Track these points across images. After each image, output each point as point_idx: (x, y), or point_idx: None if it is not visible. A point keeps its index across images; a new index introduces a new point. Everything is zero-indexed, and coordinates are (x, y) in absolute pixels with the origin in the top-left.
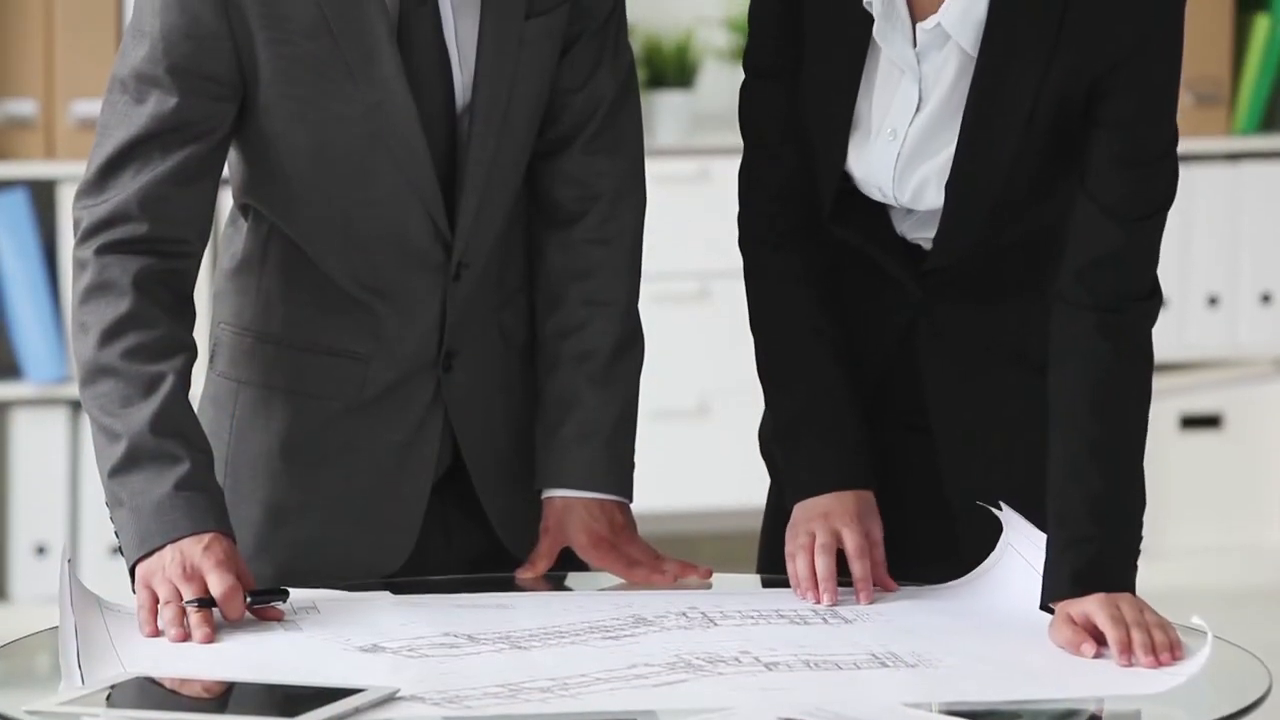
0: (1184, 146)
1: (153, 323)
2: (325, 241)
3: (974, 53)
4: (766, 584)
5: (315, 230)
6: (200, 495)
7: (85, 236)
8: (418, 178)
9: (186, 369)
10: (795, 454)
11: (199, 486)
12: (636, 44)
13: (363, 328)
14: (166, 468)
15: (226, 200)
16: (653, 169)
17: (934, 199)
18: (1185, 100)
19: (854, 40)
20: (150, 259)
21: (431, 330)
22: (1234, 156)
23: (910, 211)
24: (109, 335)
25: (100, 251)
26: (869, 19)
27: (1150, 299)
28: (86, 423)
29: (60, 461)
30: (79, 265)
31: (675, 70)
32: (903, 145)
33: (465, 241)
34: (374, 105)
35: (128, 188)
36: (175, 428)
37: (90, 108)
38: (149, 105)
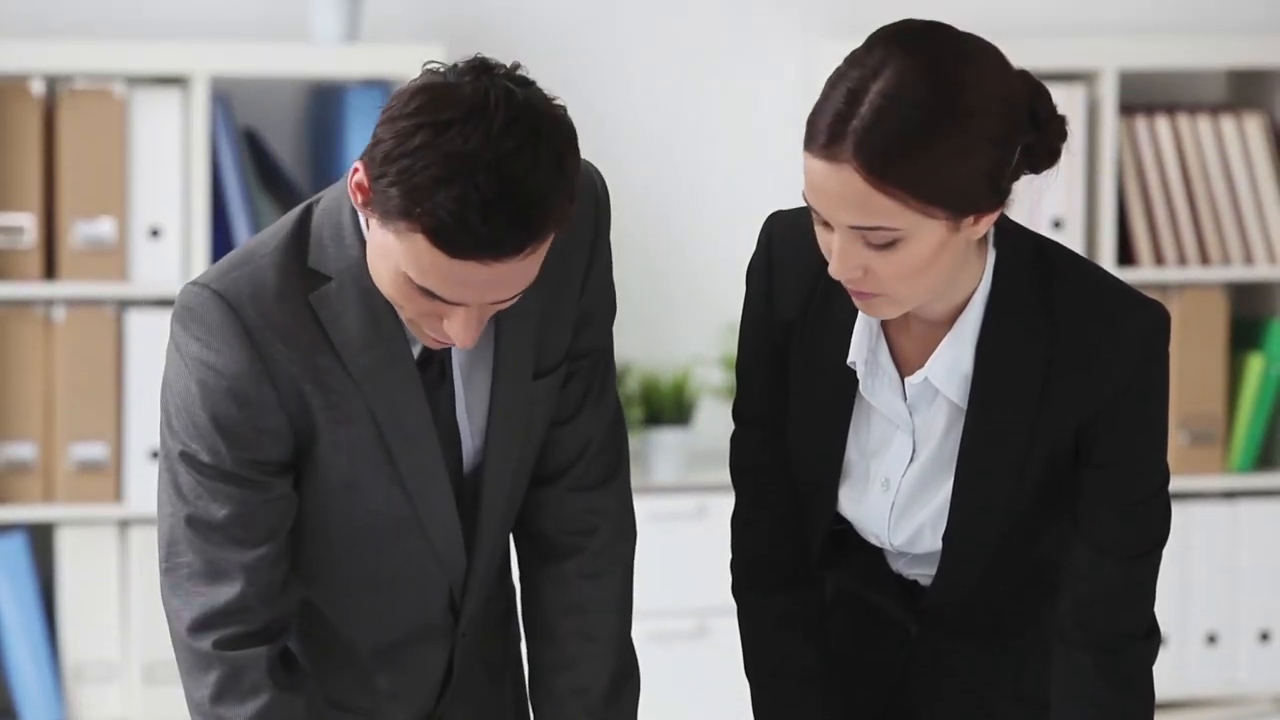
0: (1180, 485)
1: (293, 709)
2: (347, 608)
3: (963, 404)
4: None
5: (340, 596)
6: None
7: (199, 629)
8: (448, 558)
9: None
10: None
11: None
12: (634, 382)
13: (368, 686)
14: None
15: None
16: (650, 506)
17: (930, 543)
18: (1180, 439)
19: (840, 393)
20: (270, 645)
21: (434, 687)
22: (1230, 495)
23: (905, 552)
24: None
25: (222, 646)
26: (854, 373)
27: (1149, 638)
28: None
29: None
30: (200, 659)
31: (672, 408)
32: (897, 495)
33: (471, 607)
34: (411, 492)
35: (236, 579)
36: None
37: (88, 451)
38: (228, 496)
